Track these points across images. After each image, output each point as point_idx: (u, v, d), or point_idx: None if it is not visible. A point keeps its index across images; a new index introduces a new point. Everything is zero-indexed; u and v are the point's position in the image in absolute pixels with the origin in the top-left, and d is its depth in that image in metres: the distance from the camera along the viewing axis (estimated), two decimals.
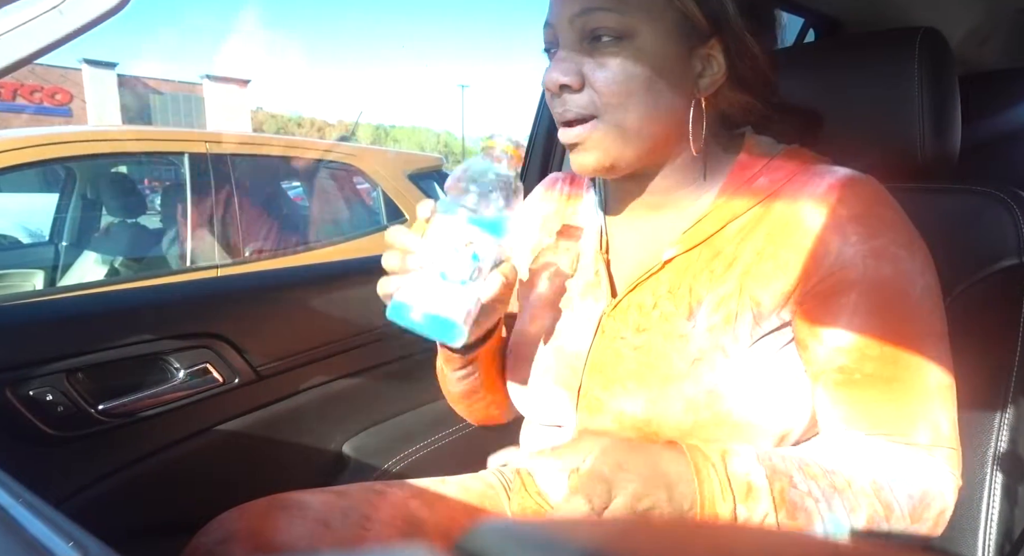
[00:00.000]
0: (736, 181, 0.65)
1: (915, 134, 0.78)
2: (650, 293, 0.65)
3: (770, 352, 0.61)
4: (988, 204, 0.77)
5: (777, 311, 0.60)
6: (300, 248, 3.01)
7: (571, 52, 0.62)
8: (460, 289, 0.57)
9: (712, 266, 0.63)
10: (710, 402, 0.60)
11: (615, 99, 0.61)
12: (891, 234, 0.59)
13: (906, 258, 0.59)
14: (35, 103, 20.64)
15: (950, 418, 0.59)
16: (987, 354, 0.72)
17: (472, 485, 0.84)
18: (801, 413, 0.62)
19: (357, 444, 1.10)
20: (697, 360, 0.61)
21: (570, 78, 0.61)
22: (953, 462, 0.59)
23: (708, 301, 0.62)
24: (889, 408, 0.58)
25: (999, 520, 0.70)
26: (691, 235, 0.64)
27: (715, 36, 0.62)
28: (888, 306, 0.58)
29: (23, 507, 0.35)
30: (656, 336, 0.63)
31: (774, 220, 0.62)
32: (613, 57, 0.60)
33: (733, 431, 0.60)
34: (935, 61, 0.78)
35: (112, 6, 0.52)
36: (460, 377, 0.76)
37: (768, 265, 0.60)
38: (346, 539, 0.67)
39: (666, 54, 0.61)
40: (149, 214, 3.26)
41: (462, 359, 0.72)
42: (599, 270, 0.70)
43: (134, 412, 0.91)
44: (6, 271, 2.81)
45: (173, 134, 3.11)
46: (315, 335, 1.07)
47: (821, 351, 0.59)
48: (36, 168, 2.62)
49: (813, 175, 0.62)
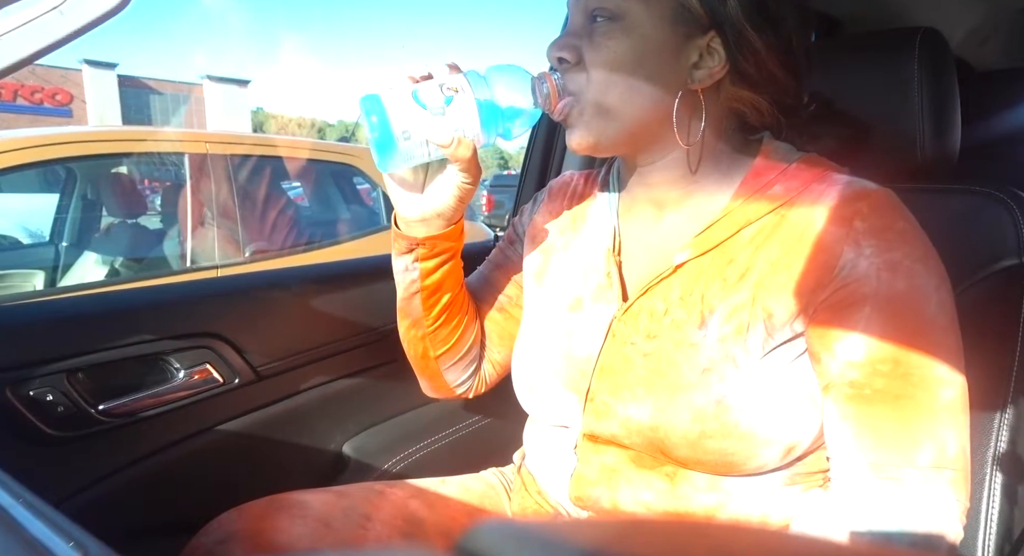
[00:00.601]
0: (750, 186, 0.64)
1: (915, 134, 0.78)
2: (661, 298, 0.65)
3: (781, 364, 0.60)
4: (988, 204, 0.77)
5: (790, 323, 0.60)
6: (300, 248, 3.01)
7: (575, 30, 0.64)
8: (416, 109, 0.62)
9: (725, 274, 0.62)
10: (718, 413, 0.59)
11: (601, 76, 0.62)
12: (906, 248, 0.58)
13: (921, 273, 0.58)
14: (35, 103, 20.65)
15: (958, 438, 0.56)
16: (987, 354, 0.72)
17: (472, 485, 0.84)
18: (810, 426, 0.61)
19: (357, 444, 1.10)
20: (707, 370, 0.60)
21: (566, 53, 0.63)
22: (957, 484, 0.56)
23: (720, 310, 0.61)
24: (895, 426, 0.56)
25: (999, 520, 0.70)
26: (704, 239, 0.64)
27: (714, 28, 0.61)
28: (901, 321, 0.57)
29: (23, 507, 0.35)
30: (667, 343, 0.63)
31: (789, 230, 0.61)
32: (604, 36, 0.62)
33: (740, 441, 0.59)
34: (935, 61, 0.78)
35: (112, 6, 0.52)
36: (400, 269, 0.75)
37: (782, 276, 0.60)
38: (346, 539, 0.67)
39: (657, 39, 0.61)
40: (149, 214, 3.27)
41: (403, 237, 0.72)
42: (611, 272, 0.70)
43: (134, 412, 0.91)
44: (6, 271, 2.81)
45: (173, 134, 3.11)
46: (315, 335, 1.07)
47: (833, 364, 0.58)
48: (36, 168, 2.61)
49: (829, 185, 0.62)
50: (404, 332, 0.82)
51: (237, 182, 2.81)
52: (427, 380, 0.86)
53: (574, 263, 0.75)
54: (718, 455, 0.60)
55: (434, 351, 0.80)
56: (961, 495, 0.56)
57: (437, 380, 0.84)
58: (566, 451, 0.72)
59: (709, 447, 0.60)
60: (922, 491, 0.55)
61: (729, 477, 0.63)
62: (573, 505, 0.71)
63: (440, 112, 0.62)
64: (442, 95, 0.63)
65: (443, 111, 0.62)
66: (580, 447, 0.70)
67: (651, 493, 0.65)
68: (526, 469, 0.81)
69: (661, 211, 0.69)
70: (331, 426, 1.10)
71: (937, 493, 0.55)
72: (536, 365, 0.73)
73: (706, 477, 0.63)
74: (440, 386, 0.85)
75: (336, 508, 0.70)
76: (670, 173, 0.67)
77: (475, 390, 0.87)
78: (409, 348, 0.83)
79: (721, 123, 0.66)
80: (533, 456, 0.79)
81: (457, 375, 0.84)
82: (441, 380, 0.84)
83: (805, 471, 0.64)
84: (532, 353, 0.74)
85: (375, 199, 3.42)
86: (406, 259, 0.74)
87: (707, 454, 0.60)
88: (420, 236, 0.71)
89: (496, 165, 35.26)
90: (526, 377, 0.74)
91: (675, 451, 0.62)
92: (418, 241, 0.72)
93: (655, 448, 0.63)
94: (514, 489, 0.83)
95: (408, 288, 0.76)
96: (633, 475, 0.66)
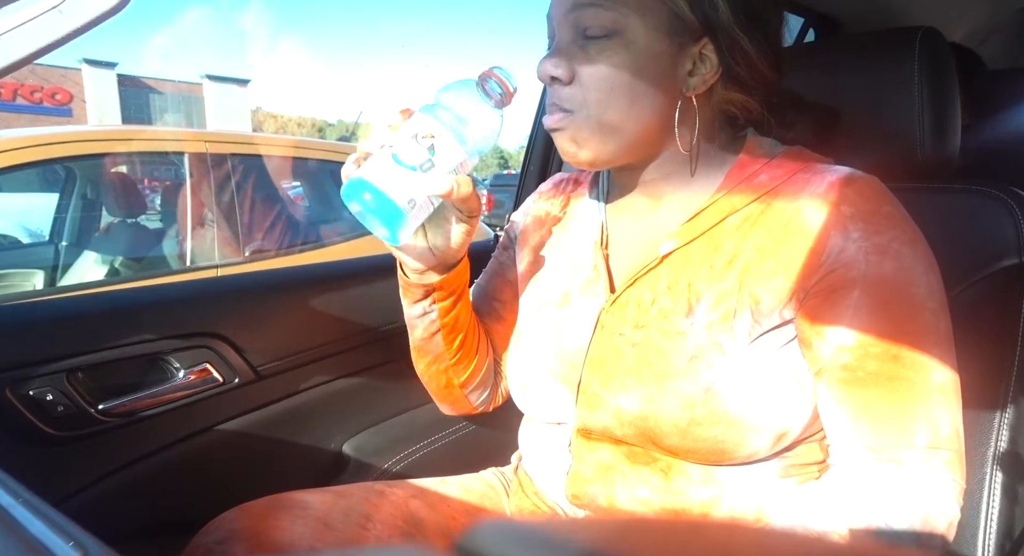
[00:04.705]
0: (735, 178, 0.65)
1: (915, 134, 0.78)
2: (649, 288, 0.65)
3: (769, 350, 0.61)
4: (988, 204, 0.77)
5: (779, 309, 0.60)
6: (300, 248, 3.01)
7: (565, 46, 0.63)
8: (409, 174, 0.59)
9: (712, 261, 0.63)
10: (707, 400, 0.60)
11: (598, 94, 0.61)
12: (893, 231, 0.59)
13: (909, 255, 0.58)
14: (35, 103, 20.64)
15: (952, 419, 0.57)
16: (987, 354, 0.72)
17: (472, 485, 0.85)
18: (800, 412, 0.62)
19: (357, 444, 1.10)
20: (695, 357, 0.61)
21: (560, 71, 0.62)
22: (953, 465, 0.57)
23: (707, 298, 0.62)
24: (890, 408, 0.57)
25: (999, 520, 0.70)
26: (689, 228, 0.65)
27: (707, 35, 0.61)
28: (890, 303, 0.57)
29: (23, 507, 0.35)
30: (654, 333, 0.63)
31: (775, 217, 0.62)
32: (600, 53, 0.61)
33: (730, 428, 0.60)
34: (935, 61, 0.78)
35: (112, 6, 0.52)
36: (417, 314, 0.75)
37: (769, 263, 0.60)
38: (346, 539, 0.67)
39: (653, 52, 0.61)
40: (149, 214, 3.26)
41: (419, 285, 0.72)
42: (598, 265, 0.71)
43: (134, 412, 0.91)
44: (6, 271, 2.81)
45: (173, 134, 3.11)
46: (315, 335, 1.07)
47: (824, 349, 0.59)
48: (36, 168, 2.61)
49: (814, 173, 0.63)
50: (424, 370, 0.83)
51: (237, 181, 2.81)
52: (450, 405, 0.87)
53: (563, 259, 0.76)
54: (709, 443, 0.60)
55: (458, 379, 0.81)
56: (957, 476, 0.57)
57: (461, 403, 0.86)
58: (561, 450, 0.72)
59: (699, 435, 0.60)
60: (920, 472, 0.56)
61: (723, 469, 0.63)
62: (570, 504, 0.71)
63: (429, 165, 0.60)
64: (421, 147, 0.60)
65: (431, 162, 0.60)
66: (574, 444, 0.70)
67: (647, 489, 0.65)
68: (523, 470, 0.81)
69: (648, 206, 0.70)
70: (331, 426, 1.10)
71: (935, 474, 0.56)
72: (528, 362, 0.73)
73: (700, 470, 0.64)
74: (463, 407, 0.87)
75: (336, 508, 0.70)
76: (659, 172, 0.68)
77: (495, 402, 0.89)
78: (431, 382, 0.84)
79: (712, 125, 0.67)
80: (529, 457, 0.79)
81: (479, 394, 0.85)
82: (464, 402, 0.85)
83: (799, 463, 0.65)
84: (524, 351, 0.74)
85: None
86: (423, 304, 0.74)
87: (697, 442, 0.61)
88: (435, 281, 0.72)
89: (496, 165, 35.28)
90: (519, 375, 0.74)
91: (666, 440, 0.62)
92: (434, 286, 0.72)
93: (646, 438, 0.63)
94: (513, 489, 0.83)
95: (427, 329, 0.76)
96: (628, 471, 0.66)
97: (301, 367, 1.05)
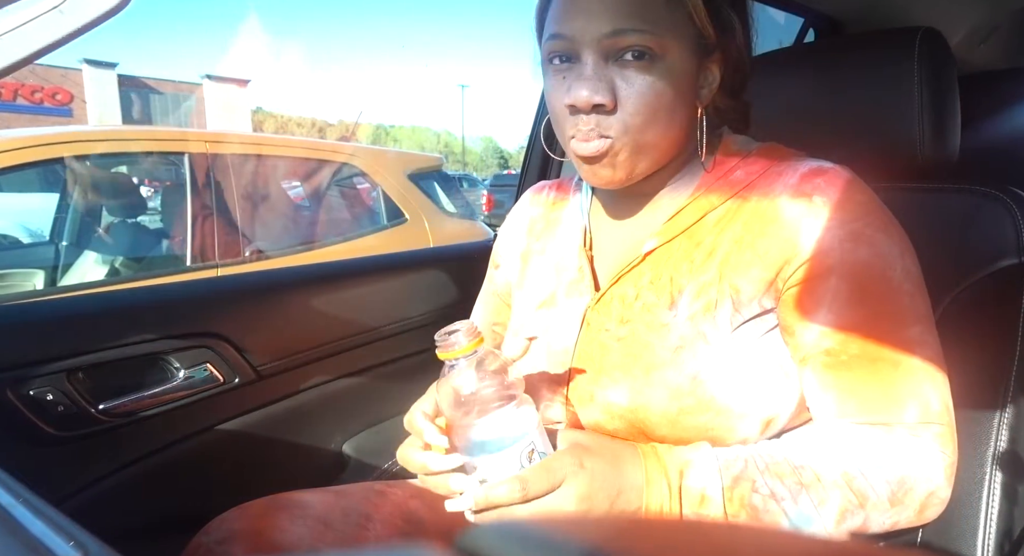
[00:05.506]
0: (713, 176, 0.67)
1: (915, 134, 0.78)
2: (632, 285, 0.66)
3: (751, 339, 0.62)
4: (988, 204, 0.77)
5: (758, 299, 0.61)
6: (300, 248, 3.01)
7: (599, 70, 0.60)
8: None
9: (693, 256, 0.64)
10: (693, 388, 0.61)
11: (640, 119, 0.60)
12: (867, 218, 0.60)
13: (883, 241, 0.60)
14: (35, 103, 20.65)
15: (941, 395, 0.59)
16: (987, 354, 0.72)
17: None
18: (786, 399, 0.63)
19: (357, 444, 1.11)
20: (679, 348, 0.62)
21: (603, 97, 0.59)
22: (944, 439, 0.58)
23: (689, 290, 0.63)
24: (876, 388, 0.58)
25: (999, 520, 0.70)
26: (670, 226, 0.66)
27: (719, 50, 0.63)
28: (868, 288, 0.59)
29: (23, 507, 0.35)
30: (639, 326, 0.64)
31: (751, 210, 0.63)
32: (642, 77, 0.59)
33: (718, 416, 0.61)
34: (935, 61, 0.78)
35: (112, 6, 0.52)
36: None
37: (747, 254, 0.62)
38: (346, 539, 0.67)
39: (685, 70, 0.62)
40: (149, 214, 3.27)
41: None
42: (583, 266, 0.72)
43: (134, 412, 0.91)
44: (6, 271, 2.81)
45: (173, 134, 3.10)
46: (315, 335, 1.07)
47: (806, 336, 0.60)
48: (36, 168, 2.61)
49: (787, 166, 0.64)
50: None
51: (237, 181, 2.81)
52: None
53: (548, 263, 0.77)
54: (698, 431, 0.61)
55: None
56: (948, 449, 0.59)
57: None
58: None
59: (688, 423, 0.61)
60: (908, 441, 0.58)
61: None
62: None
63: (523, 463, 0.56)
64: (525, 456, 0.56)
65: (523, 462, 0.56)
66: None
67: None
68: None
69: (631, 207, 0.71)
70: (331, 426, 1.10)
71: (923, 444, 0.58)
72: (519, 366, 0.73)
73: None
74: None
75: (336, 508, 0.70)
76: (658, 178, 0.69)
77: None
78: None
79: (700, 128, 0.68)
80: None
81: None
82: None
83: None
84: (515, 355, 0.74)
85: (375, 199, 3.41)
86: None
87: (687, 431, 0.61)
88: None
89: (496, 165, 35.27)
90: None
91: (657, 430, 0.63)
92: None
93: (637, 431, 0.64)
94: None
95: None
96: None
97: (301, 367, 1.05)
